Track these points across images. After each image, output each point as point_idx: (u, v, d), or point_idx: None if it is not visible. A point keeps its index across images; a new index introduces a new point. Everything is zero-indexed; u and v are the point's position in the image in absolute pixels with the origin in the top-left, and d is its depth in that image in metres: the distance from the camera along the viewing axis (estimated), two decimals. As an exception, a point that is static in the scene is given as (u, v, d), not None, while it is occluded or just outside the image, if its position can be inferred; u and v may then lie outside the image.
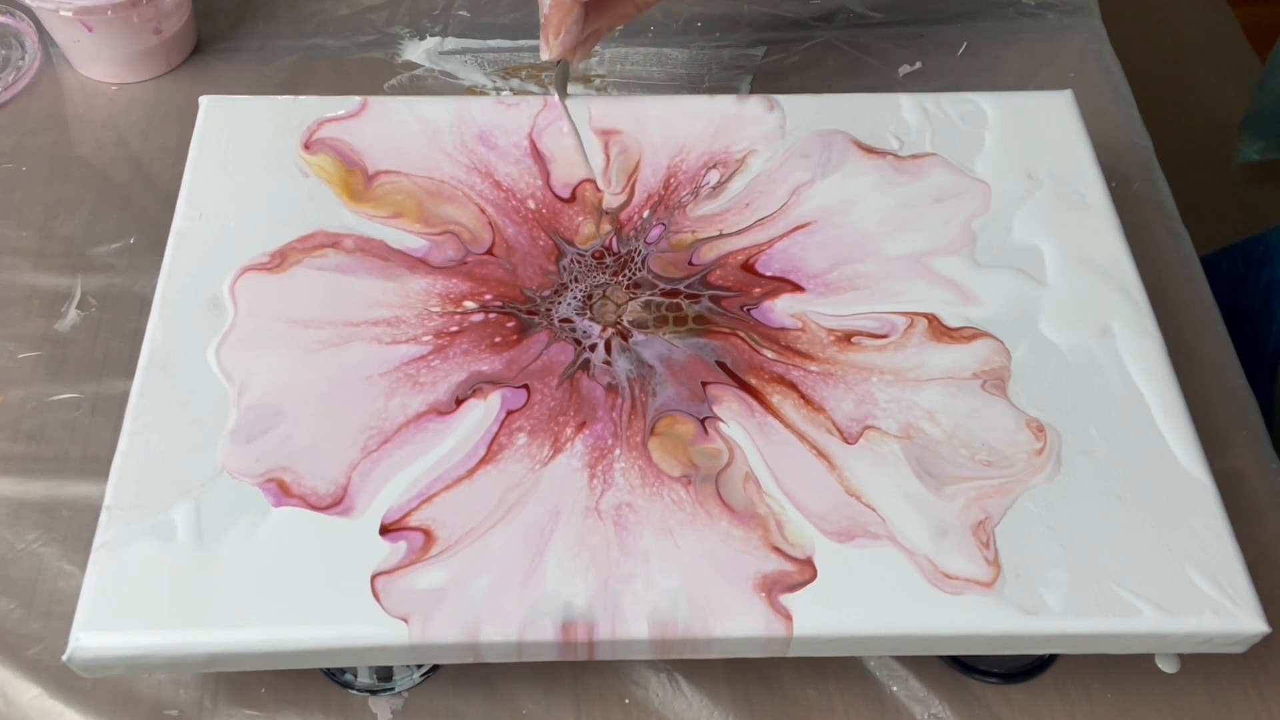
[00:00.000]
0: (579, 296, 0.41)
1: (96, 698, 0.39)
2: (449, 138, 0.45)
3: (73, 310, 0.48)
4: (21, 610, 0.41)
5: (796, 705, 0.39)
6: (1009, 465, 0.37)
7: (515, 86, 0.56)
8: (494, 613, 0.34)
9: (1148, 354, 0.40)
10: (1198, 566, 0.35)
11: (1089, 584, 0.35)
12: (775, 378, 0.39)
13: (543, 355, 0.40)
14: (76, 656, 0.33)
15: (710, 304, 0.41)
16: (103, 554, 0.35)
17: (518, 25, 0.59)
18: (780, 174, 0.45)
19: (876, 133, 0.46)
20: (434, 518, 0.36)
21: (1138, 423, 0.38)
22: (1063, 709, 0.39)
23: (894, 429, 0.38)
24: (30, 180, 0.52)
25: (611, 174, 0.45)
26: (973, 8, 0.60)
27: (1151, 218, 0.52)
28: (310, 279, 0.41)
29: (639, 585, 0.35)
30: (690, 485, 0.37)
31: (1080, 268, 0.42)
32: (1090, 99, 0.55)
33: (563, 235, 0.43)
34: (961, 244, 0.43)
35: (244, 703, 0.39)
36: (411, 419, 0.38)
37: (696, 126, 0.46)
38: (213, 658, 0.34)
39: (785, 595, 0.34)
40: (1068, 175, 0.45)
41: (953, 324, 0.41)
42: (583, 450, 0.37)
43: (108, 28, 0.53)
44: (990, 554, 0.35)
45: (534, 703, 0.39)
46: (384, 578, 0.35)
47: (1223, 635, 0.35)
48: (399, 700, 0.39)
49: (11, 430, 0.45)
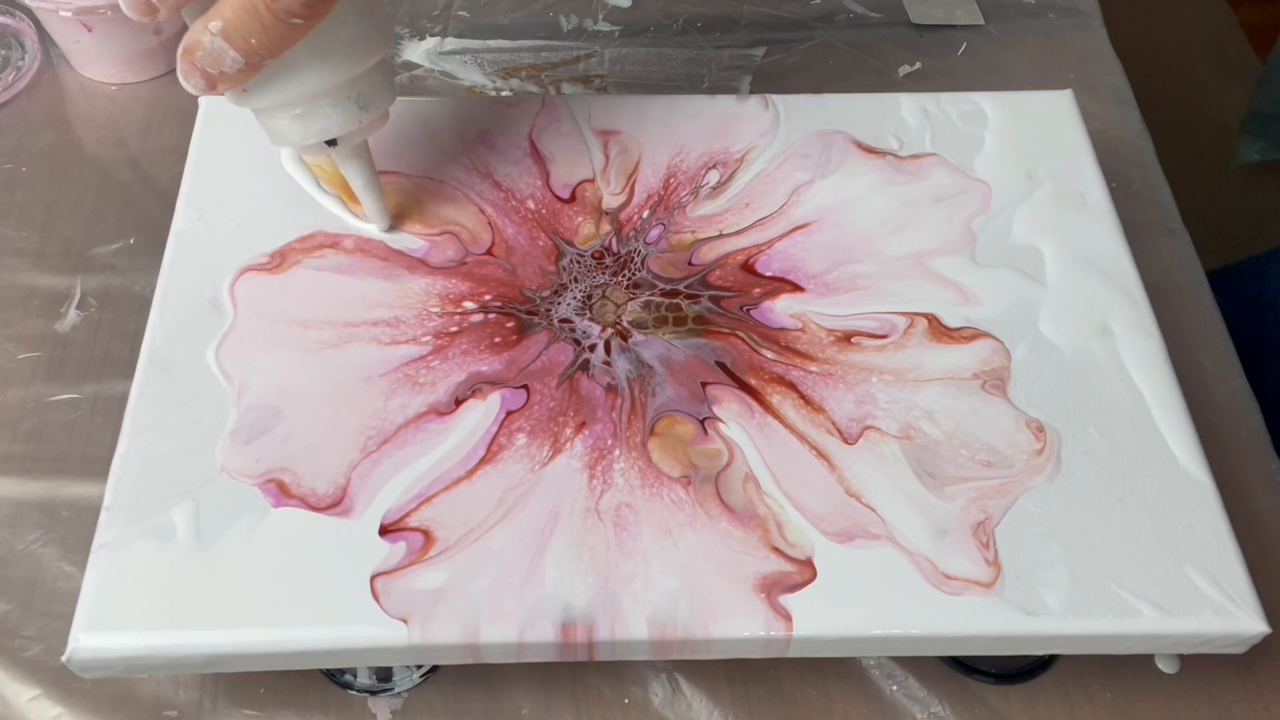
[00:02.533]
0: (579, 297, 0.41)
1: (96, 698, 0.39)
2: (449, 138, 0.45)
3: (72, 310, 0.48)
4: (21, 611, 0.41)
5: (796, 705, 0.39)
6: (1009, 465, 0.37)
7: (515, 86, 0.56)
8: (494, 613, 0.34)
9: (1148, 354, 0.40)
10: (1198, 567, 0.35)
11: (1089, 584, 0.35)
12: (775, 378, 0.39)
13: (542, 355, 0.40)
14: (76, 657, 0.33)
15: (710, 304, 0.41)
16: (102, 554, 0.35)
17: (518, 25, 0.59)
18: (780, 174, 0.45)
19: (876, 133, 0.46)
20: (433, 518, 0.36)
21: (1138, 423, 0.38)
22: (1063, 709, 0.39)
23: (894, 429, 0.38)
24: (30, 180, 0.52)
25: (611, 174, 0.45)
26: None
27: (1151, 218, 0.52)
28: (310, 279, 0.41)
29: (638, 586, 0.35)
30: (690, 486, 0.37)
31: (1080, 268, 0.42)
32: (1090, 99, 0.55)
33: (562, 235, 0.43)
34: (961, 244, 0.43)
35: (243, 703, 0.39)
36: (411, 419, 0.38)
37: (696, 126, 0.46)
38: (212, 658, 0.34)
39: (785, 596, 0.34)
40: (1068, 175, 0.45)
41: (953, 324, 0.41)
42: (582, 451, 0.37)
43: (108, 28, 0.53)
44: (990, 554, 0.35)
45: (534, 703, 0.39)
46: (383, 578, 0.35)
47: (1223, 635, 0.35)
48: (399, 701, 0.39)
49: (11, 430, 0.45)
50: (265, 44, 0.34)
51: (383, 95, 0.39)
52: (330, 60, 0.37)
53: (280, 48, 0.34)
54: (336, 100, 0.38)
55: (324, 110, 0.38)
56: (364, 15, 0.37)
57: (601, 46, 0.58)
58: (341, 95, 0.38)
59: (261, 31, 0.33)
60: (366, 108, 0.38)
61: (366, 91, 0.38)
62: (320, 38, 0.35)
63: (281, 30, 0.33)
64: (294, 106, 0.37)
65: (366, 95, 0.38)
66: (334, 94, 0.37)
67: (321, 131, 0.38)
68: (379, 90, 0.39)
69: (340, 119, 0.38)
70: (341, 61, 0.37)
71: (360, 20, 0.37)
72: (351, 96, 0.38)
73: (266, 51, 0.34)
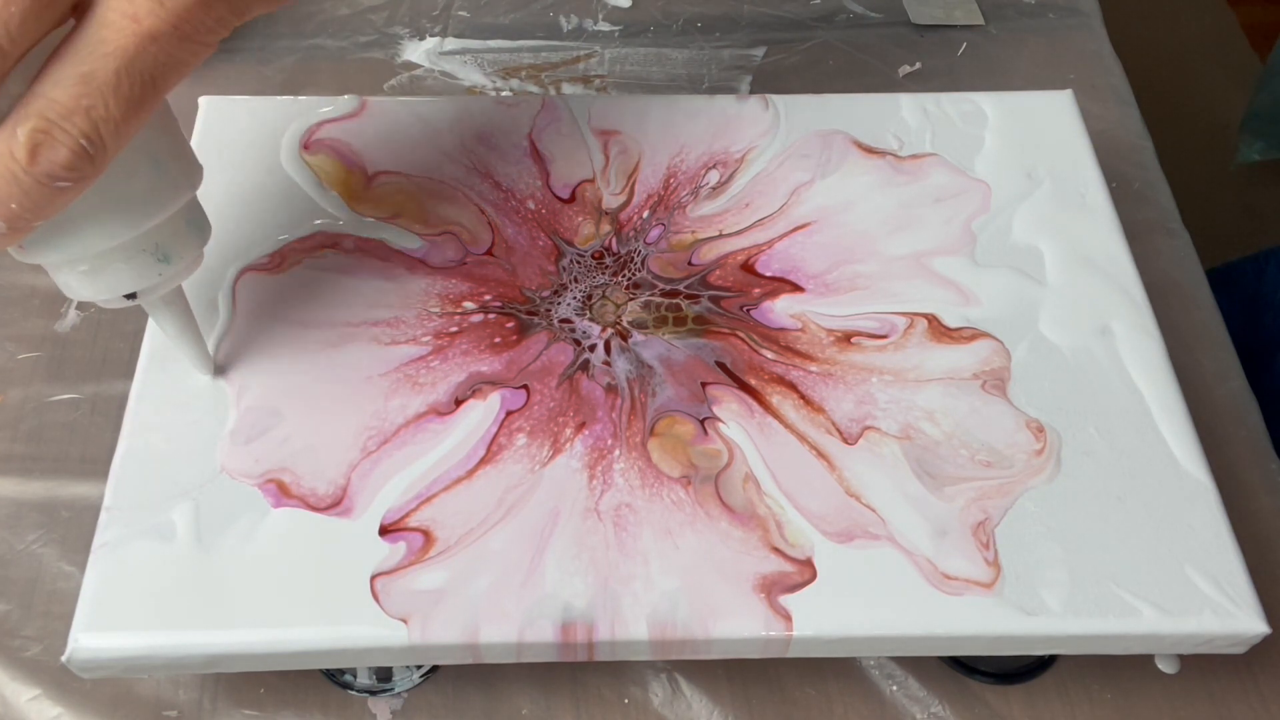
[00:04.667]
0: (578, 297, 0.41)
1: (96, 698, 0.39)
2: (448, 138, 0.45)
3: (72, 310, 0.48)
4: (20, 611, 0.41)
5: (796, 705, 0.39)
6: (1009, 466, 0.37)
7: (515, 86, 0.56)
8: (493, 613, 0.34)
9: (1148, 354, 0.40)
10: (1198, 566, 0.35)
11: (1089, 584, 0.35)
12: (775, 378, 0.39)
13: (542, 356, 0.40)
14: (76, 657, 0.33)
15: (710, 304, 0.41)
16: (102, 554, 0.35)
17: (518, 25, 0.59)
18: (780, 174, 0.45)
19: (876, 133, 0.46)
20: (433, 518, 0.36)
21: (1138, 423, 0.38)
22: (1063, 709, 0.39)
23: (894, 429, 0.38)
24: (30, 180, 0.52)
25: (611, 174, 0.45)
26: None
27: (1151, 218, 0.52)
28: (310, 279, 0.41)
29: (638, 586, 0.35)
30: (690, 486, 0.37)
31: (1080, 268, 0.42)
32: (1090, 99, 0.55)
33: (562, 235, 0.43)
34: (961, 244, 0.43)
35: (243, 703, 0.39)
36: (411, 420, 0.38)
37: (696, 126, 0.46)
38: (212, 658, 0.34)
39: (785, 596, 0.34)
40: (1068, 175, 0.45)
41: (953, 324, 0.41)
42: (582, 451, 0.37)
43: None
44: (990, 554, 0.35)
45: (533, 703, 0.39)
46: (383, 578, 0.35)
47: (1223, 636, 0.35)
48: (398, 701, 0.39)
49: (11, 430, 0.45)
50: (28, 208, 0.28)
51: (188, 242, 0.33)
52: (117, 215, 0.31)
53: (47, 211, 0.28)
54: (129, 254, 0.32)
55: (114, 266, 0.32)
56: (158, 163, 0.31)
57: (601, 46, 0.58)
58: (134, 249, 0.32)
59: (22, 195, 0.27)
60: (167, 259, 0.32)
61: (167, 241, 0.32)
62: (103, 192, 0.30)
63: (45, 194, 0.28)
64: (79, 263, 0.31)
65: (167, 245, 0.32)
66: (126, 248, 0.31)
67: (114, 289, 0.32)
68: (182, 237, 0.33)
69: (133, 274, 0.32)
70: (130, 216, 0.31)
71: (154, 169, 0.31)
72: (147, 249, 0.32)
73: (31, 215, 0.28)
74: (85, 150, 0.27)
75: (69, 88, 0.27)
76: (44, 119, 0.27)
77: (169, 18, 0.27)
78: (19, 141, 0.27)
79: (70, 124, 0.27)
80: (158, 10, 0.27)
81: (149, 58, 0.28)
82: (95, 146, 0.27)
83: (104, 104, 0.27)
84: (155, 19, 0.27)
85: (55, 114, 0.27)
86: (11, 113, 0.27)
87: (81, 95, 0.27)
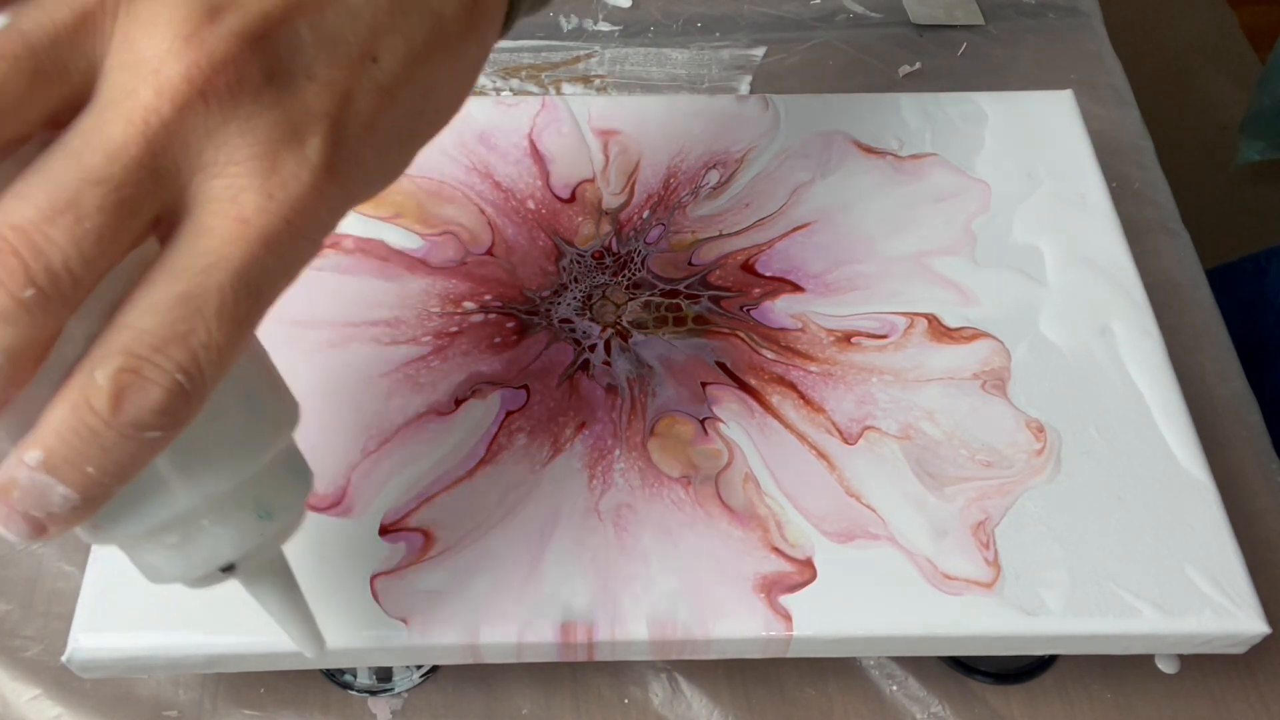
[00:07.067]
0: (579, 297, 0.41)
1: (96, 698, 0.39)
2: (448, 138, 0.45)
3: (72, 311, 0.48)
4: (21, 611, 0.41)
5: (796, 705, 0.39)
6: (1009, 465, 0.37)
7: (515, 86, 0.56)
8: (493, 614, 0.34)
9: (1148, 354, 0.40)
10: (1198, 566, 0.35)
11: (1089, 584, 0.35)
12: (775, 378, 0.39)
13: (542, 356, 0.40)
14: (75, 657, 0.33)
15: (710, 304, 0.41)
16: (102, 554, 0.35)
17: (517, 25, 0.59)
18: (780, 174, 0.45)
19: (876, 133, 0.46)
20: (433, 518, 0.36)
21: (1138, 423, 0.38)
22: (1063, 709, 0.39)
23: (894, 429, 0.38)
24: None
25: (611, 174, 0.45)
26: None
27: (1151, 218, 0.52)
28: (309, 279, 0.41)
29: (638, 586, 0.35)
30: (690, 486, 0.37)
31: (1080, 268, 0.42)
32: (1090, 99, 0.55)
33: (562, 235, 0.43)
34: (961, 244, 0.43)
35: (243, 703, 0.39)
36: (411, 420, 0.38)
37: (696, 126, 0.46)
38: (212, 658, 0.34)
39: (785, 596, 0.34)
40: (1068, 175, 0.45)
41: (953, 324, 0.41)
42: (582, 451, 0.37)
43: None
44: (990, 554, 0.35)
45: (533, 703, 0.39)
46: (383, 578, 0.35)
47: (1223, 635, 0.35)
48: (398, 701, 0.39)
49: (11, 431, 0.45)
50: (109, 471, 0.22)
51: (292, 492, 0.28)
52: (210, 465, 0.25)
53: (131, 471, 0.22)
54: (226, 513, 0.26)
55: (210, 531, 0.26)
56: (252, 398, 0.26)
57: (601, 46, 0.58)
58: (232, 506, 0.26)
59: (101, 455, 0.22)
60: (270, 515, 0.27)
61: (267, 493, 0.27)
62: (192, 440, 0.24)
63: (130, 449, 0.22)
64: (166, 534, 0.26)
65: (268, 498, 0.27)
66: (221, 506, 0.26)
67: (209, 560, 0.26)
68: (285, 487, 0.28)
69: (234, 538, 0.26)
70: (225, 464, 0.25)
71: (247, 406, 0.26)
72: (246, 505, 0.26)
73: (112, 479, 0.22)
74: (182, 387, 0.22)
75: (162, 314, 0.22)
76: (131, 356, 0.21)
77: (281, 212, 0.22)
78: (98, 387, 0.21)
79: (164, 358, 0.21)
80: (268, 206, 0.22)
81: (259, 265, 0.22)
82: (194, 382, 0.22)
83: (205, 328, 0.22)
84: (267, 216, 0.22)
85: (145, 348, 0.21)
86: (86, 355, 0.22)
87: (178, 320, 0.22)
